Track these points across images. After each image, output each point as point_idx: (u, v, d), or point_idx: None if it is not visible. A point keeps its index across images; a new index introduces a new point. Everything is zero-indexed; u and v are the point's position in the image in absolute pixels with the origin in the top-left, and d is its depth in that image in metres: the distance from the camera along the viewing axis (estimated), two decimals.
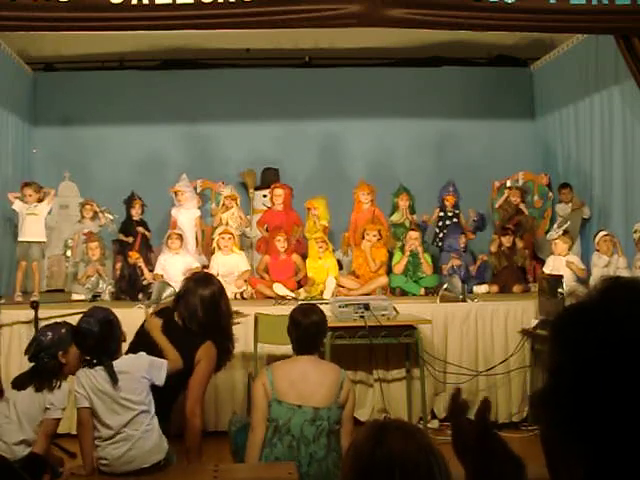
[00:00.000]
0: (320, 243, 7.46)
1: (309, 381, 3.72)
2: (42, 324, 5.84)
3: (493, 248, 7.84)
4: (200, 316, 3.93)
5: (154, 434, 3.47)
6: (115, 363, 3.44)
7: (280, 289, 7.09)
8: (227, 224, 7.98)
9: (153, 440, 3.45)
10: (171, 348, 3.76)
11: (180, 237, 7.53)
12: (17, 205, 7.25)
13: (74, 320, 5.95)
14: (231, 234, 7.61)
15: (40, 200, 7.30)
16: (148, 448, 3.43)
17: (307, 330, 3.82)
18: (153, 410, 3.50)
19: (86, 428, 3.44)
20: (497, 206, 8.57)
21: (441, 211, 8.34)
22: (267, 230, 8.11)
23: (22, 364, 5.72)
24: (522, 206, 8.48)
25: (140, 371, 3.48)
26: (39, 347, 3.82)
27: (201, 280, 4.13)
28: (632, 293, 0.87)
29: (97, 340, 3.44)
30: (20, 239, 7.22)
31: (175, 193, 8.26)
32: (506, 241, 7.82)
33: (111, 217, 8.03)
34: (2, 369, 5.57)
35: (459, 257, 7.75)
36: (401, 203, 8.23)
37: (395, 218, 8.24)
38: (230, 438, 4.09)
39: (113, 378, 3.39)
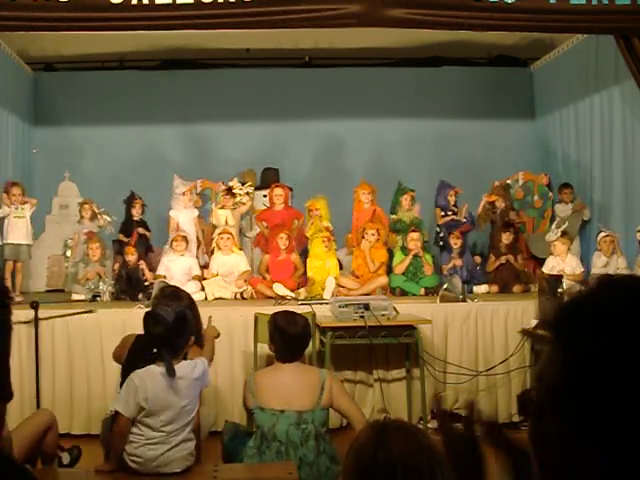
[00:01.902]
0: (326, 242, 7.47)
1: (291, 386, 3.73)
2: (42, 324, 5.87)
3: (489, 269, 7.85)
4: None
5: (192, 442, 3.47)
6: (176, 366, 3.39)
7: (280, 289, 7.09)
8: (226, 223, 7.98)
9: (190, 447, 3.46)
10: (212, 355, 3.78)
11: (185, 239, 7.54)
12: (4, 209, 7.25)
13: (74, 320, 6.00)
14: (230, 234, 7.61)
15: (23, 202, 7.33)
16: (184, 454, 3.42)
17: (293, 340, 3.82)
18: (195, 416, 3.50)
19: (122, 436, 3.39)
20: (478, 214, 8.47)
21: (442, 211, 8.36)
22: (266, 227, 8.11)
23: (22, 364, 5.75)
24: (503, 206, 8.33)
25: (194, 378, 3.45)
26: None
27: (170, 296, 4.14)
28: (629, 290, 0.88)
29: (166, 329, 3.37)
30: (8, 241, 7.23)
31: (183, 194, 8.24)
32: (505, 238, 7.82)
33: (109, 219, 8.03)
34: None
35: (460, 257, 7.76)
36: (404, 202, 8.21)
37: (397, 218, 8.21)
38: (223, 446, 4.08)
39: (170, 372, 3.32)
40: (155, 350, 3.42)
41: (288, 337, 3.81)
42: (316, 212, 7.97)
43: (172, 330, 3.38)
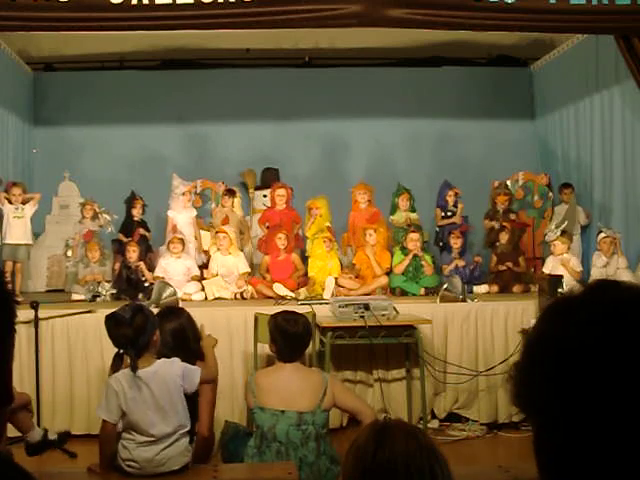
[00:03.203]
0: (327, 242, 7.48)
1: (292, 387, 3.73)
2: (42, 324, 5.87)
3: (491, 269, 7.85)
4: (171, 344, 3.92)
5: (186, 439, 3.47)
6: (148, 369, 3.39)
7: (280, 289, 7.10)
8: (224, 222, 7.97)
9: (184, 444, 3.46)
10: (215, 363, 3.77)
11: (181, 241, 7.54)
12: (6, 207, 7.28)
13: (74, 320, 6.00)
14: (226, 233, 7.60)
15: (24, 202, 7.34)
16: (179, 451, 3.42)
17: (294, 339, 3.82)
18: (187, 419, 3.50)
19: (109, 442, 3.40)
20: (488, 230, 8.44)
21: (442, 211, 8.36)
22: (267, 228, 8.11)
23: (21, 365, 5.75)
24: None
25: (173, 376, 3.43)
26: None
27: (167, 314, 4.15)
28: (610, 296, 0.89)
29: (127, 328, 3.35)
30: (7, 242, 7.23)
31: (183, 194, 8.24)
32: (502, 237, 7.83)
33: (109, 218, 8.03)
34: None
35: (461, 257, 7.76)
36: (402, 203, 8.22)
37: (396, 218, 8.22)
38: (222, 446, 4.07)
39: (132, 368, 3.32)
40: (121, 351, 3.41)
41: (289, 336, 3.81)
42: (316, 211, 7.98)
43: (133, 328, 3.37)
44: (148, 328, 3.44)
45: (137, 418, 3.35)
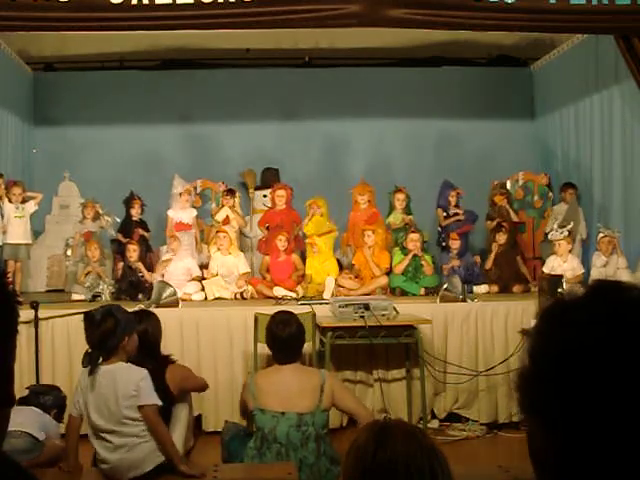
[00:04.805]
0: (314, 247, 7.49)
1: (291, 388, 3.74)
2: (42, 324, 5.87)
3: (487, 266, 7.83)
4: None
5: (148, 444, 3.43)
6: (105, 367, 3.40)
7: (280, 292, 7.10)
8: (225, 223, 7.97)
9: (148, 448, 3.43)
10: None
11: (177, 240, 7.55)
12: (6, 206, 7.29)
13: (74, 320, 5.99)
14: (226, 232, 7.60)
15: (24, 200, 7.36)
16: (142, 456, 3.40)
17: (286, 342, 3.84)
18: (143, 430, 3.45)
19: (71, 435, 3.48)
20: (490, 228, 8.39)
21: (444, 212, 8.35)
22: (267, 229, 8.11)
23: (21, 365, 5.74)
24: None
25: (125, 381, 3.39)
26: None
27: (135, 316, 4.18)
28: (611, 297, 0.89)
29: (96, 328, 3.38)
30: (8, 241, 7.24)
31: (180, 194, 8.24)
32: (500, 238, 7.81)
33: (110, 220, 8.02)
34: None
35: (459, 257, 7.75)
36: (397, 203, 8.19)
37: (392, 219, 8.17)
38: (222, 446, 4.08)
39: (90, 370, 3.37)
40: (89, 351, 3.44)
41: (277, 340, 3.84)
42: (318, 210, 7.97)
43: (100, 331, 3.38)
44: (117, 332, 3.39)
45: (90, 416, 3.38)
